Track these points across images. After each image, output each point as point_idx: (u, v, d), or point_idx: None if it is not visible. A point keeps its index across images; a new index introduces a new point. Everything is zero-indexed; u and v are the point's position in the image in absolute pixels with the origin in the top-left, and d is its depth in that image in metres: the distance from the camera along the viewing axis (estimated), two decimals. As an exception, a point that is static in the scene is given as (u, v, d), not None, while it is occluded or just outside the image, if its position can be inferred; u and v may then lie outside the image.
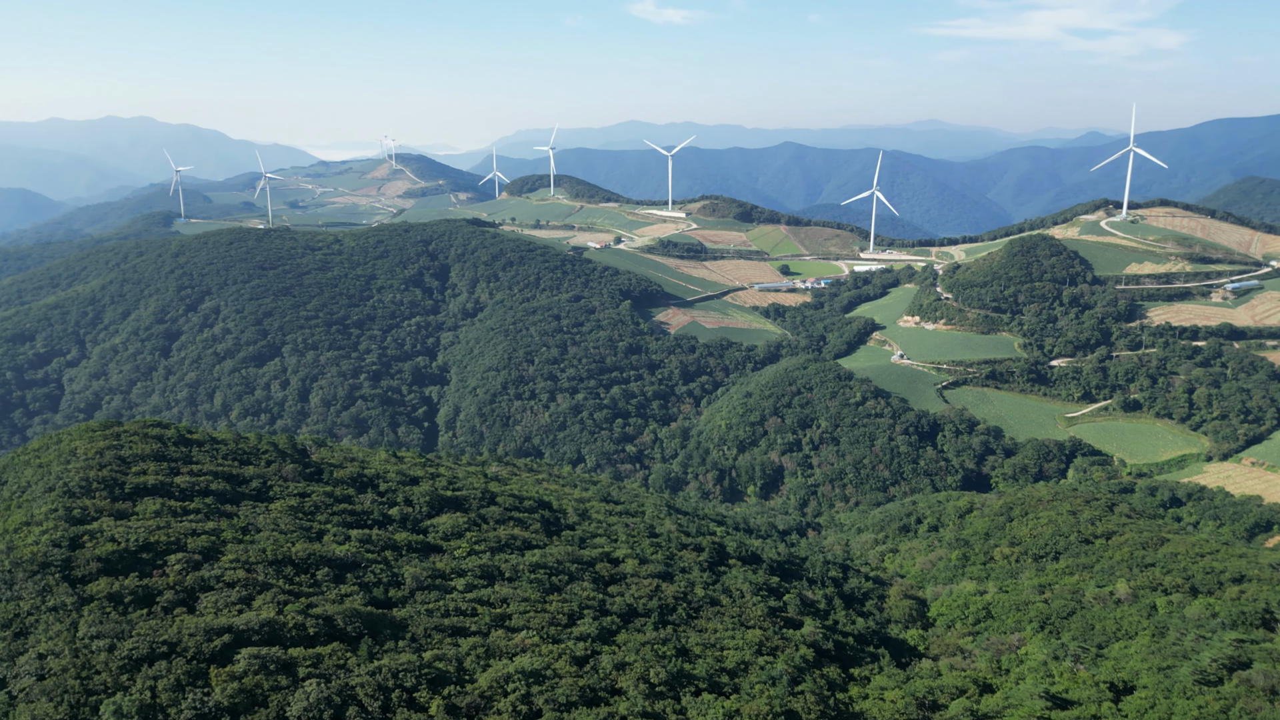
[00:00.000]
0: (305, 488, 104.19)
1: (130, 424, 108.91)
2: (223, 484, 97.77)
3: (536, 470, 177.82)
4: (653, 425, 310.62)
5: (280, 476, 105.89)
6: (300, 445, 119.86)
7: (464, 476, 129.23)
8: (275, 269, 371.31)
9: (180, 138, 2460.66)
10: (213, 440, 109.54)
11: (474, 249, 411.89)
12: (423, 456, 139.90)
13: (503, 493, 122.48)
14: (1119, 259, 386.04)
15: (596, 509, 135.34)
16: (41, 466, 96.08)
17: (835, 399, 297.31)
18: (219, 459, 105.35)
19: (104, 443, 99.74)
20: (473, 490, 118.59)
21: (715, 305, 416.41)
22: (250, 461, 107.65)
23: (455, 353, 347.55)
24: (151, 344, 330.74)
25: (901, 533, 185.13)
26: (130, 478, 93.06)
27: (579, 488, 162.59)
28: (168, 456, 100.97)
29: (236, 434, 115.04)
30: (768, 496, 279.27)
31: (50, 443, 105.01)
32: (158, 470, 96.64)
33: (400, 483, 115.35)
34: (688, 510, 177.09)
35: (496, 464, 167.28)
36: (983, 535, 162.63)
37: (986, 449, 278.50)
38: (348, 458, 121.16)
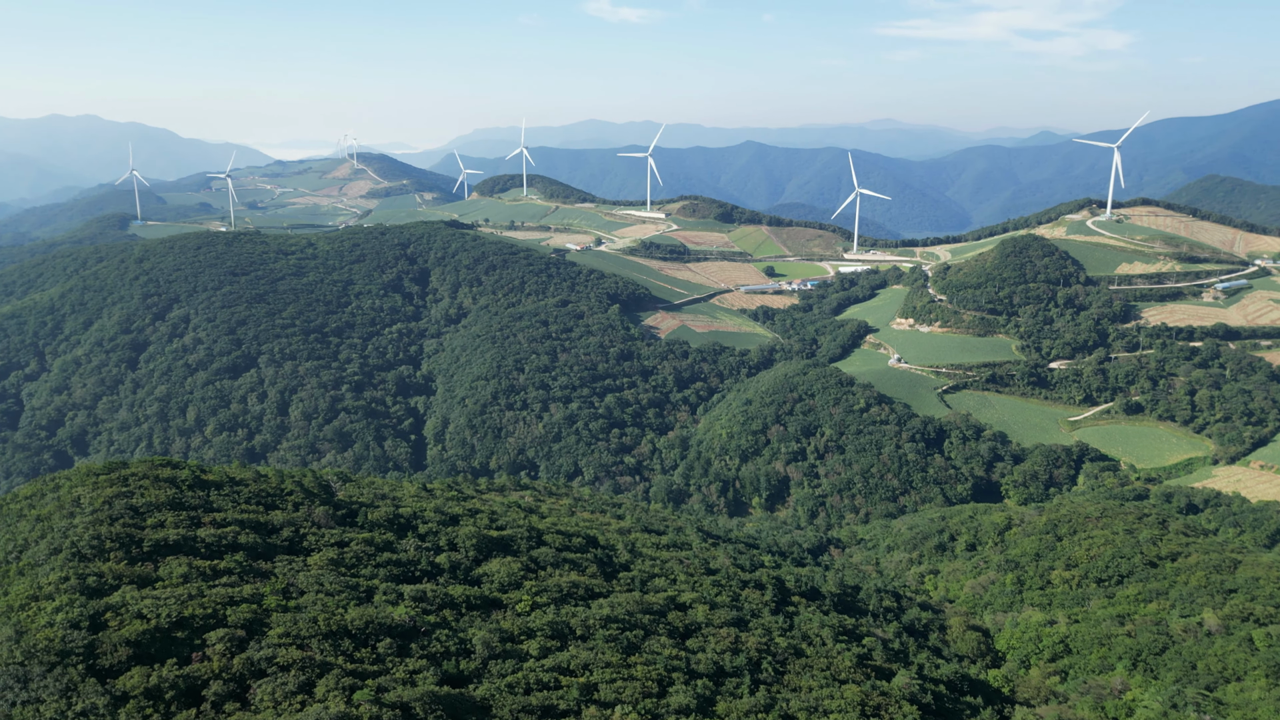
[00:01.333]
0: (342, 535, 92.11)
1: (137, 463, 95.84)
2: (252, 535, 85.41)
3: (557, 492, 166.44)
4: (650, 435, 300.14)
5: (312, 522, 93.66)
6: (324, 481, 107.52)
7: (502, 511, 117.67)
8: (247, 275, 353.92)
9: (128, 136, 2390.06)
10: (232, 481, 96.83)
11: (454, 252, 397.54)
12: (454, 489, 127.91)
13: (548, 529, 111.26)
14: (1109, 259, 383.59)
15: (642, 542, 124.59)
16: (41, 521, 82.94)
17: (838, 406, 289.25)
18: (242, 503, 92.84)
19: (111, 489, 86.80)
20: (517, 529, 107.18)
21: (703, 308, 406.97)
22: (276, 505, 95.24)
23: (440, 361, 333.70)
24: (117, 355, 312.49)
25: (938, 552, 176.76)
26: (148, 533, 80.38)
27: (608, 512, 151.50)
28: (185, 504, 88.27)
29: (255, 473, 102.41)
30: (773, 508, 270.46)
31: (45, 489, 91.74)
32: (177, 521, 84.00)
33: (440, 523, 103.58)
34: (719, 533, 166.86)
35: (516, 490, 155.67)
36: (1033, 556, 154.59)
37: (995, 455, 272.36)
38: (378, 494, 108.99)
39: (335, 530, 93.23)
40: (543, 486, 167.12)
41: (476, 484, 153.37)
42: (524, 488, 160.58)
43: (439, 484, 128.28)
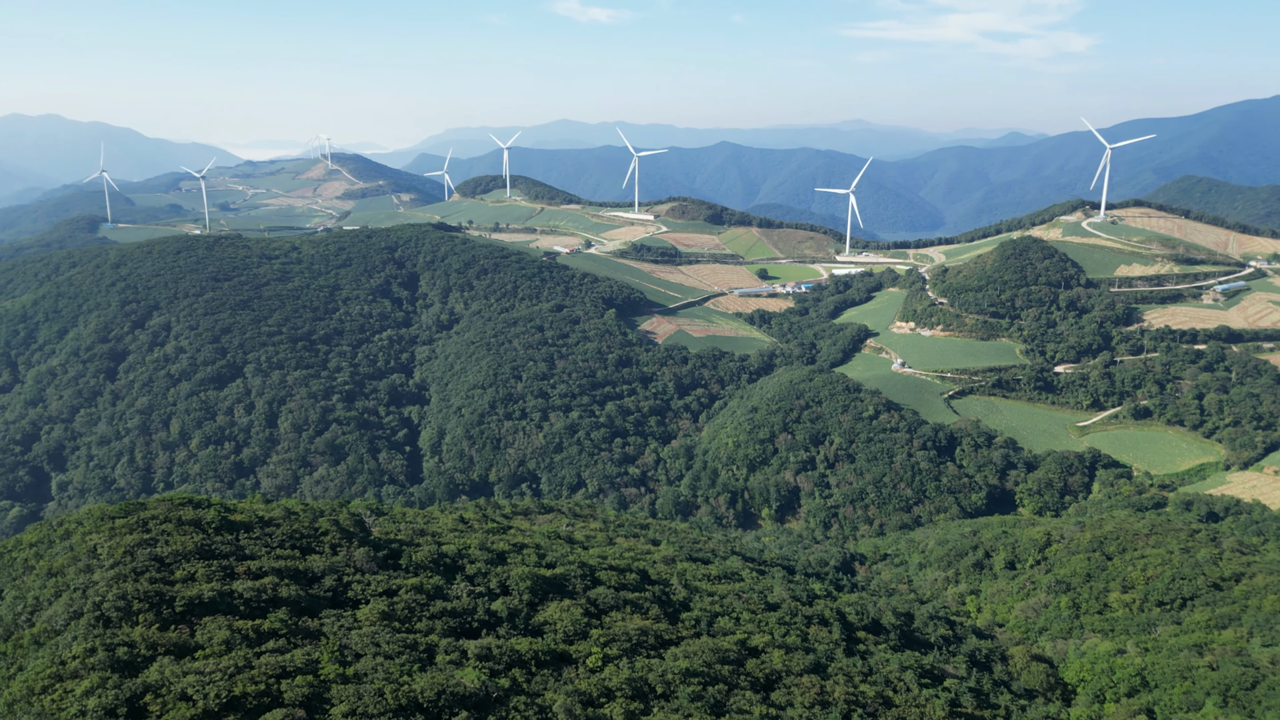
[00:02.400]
0: (388, 581, 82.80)
1: (155, 503, 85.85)
2: (293, 587, 75.89)
3: (582, 513, 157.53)
4: (653, 444, 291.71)
5: (354, 568, 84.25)
6: (358, 515, 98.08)
7: (546, 544, 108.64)
8: (230, 280, 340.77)
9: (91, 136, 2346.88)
10: (262, 522, 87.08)
11: (443, 256, 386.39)
12: (489, 518, 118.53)
13: (599, 565, 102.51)
14: (1108, 261, 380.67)
15: (691, 573, 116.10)
16: (55, 576, 72.96)
17: (847, 413, 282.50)
18: (276, 547, 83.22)
19: (131, 537, 76.88)
20: (568, 566, 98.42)
21: (698, 312, 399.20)
22: (313, 547, 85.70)
23: (434, 369, 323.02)
24: (95, 366, 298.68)
25: (976, 570, 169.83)
26: (179, 589, 70.65)
27: (642, 536, 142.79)
28: (215, 551, 78.54)
29: (285, 510, 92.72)
30: (783, 519, 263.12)
31: (53, 535, 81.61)
32: (209, 573, 74.30)
33: (488, 562, 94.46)
34: (752, 554, 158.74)
35: (543, 514, 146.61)
36: (1084, 577, 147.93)
37: (1008, 463, 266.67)
38: (415, 530, 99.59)
39: (380, 576, 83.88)
40: (568, 507, 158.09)
41: (502, 508, 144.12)
42: (548, 509, 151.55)
43: (471, 512, 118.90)
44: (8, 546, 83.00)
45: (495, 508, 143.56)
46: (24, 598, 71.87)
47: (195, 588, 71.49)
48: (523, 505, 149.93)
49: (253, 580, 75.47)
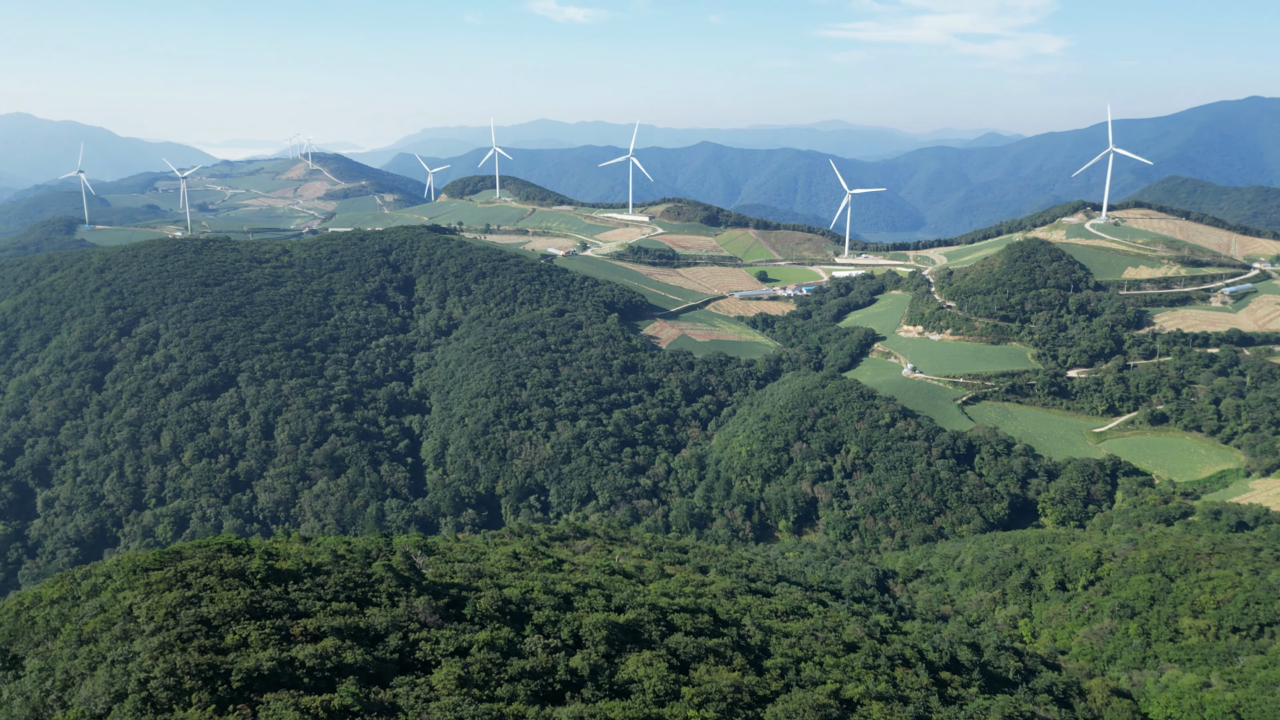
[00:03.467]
0: (456, 637, 73.82)
1: (190, 549, 76.31)
2: (359, 651, 66.75)
3: (617, 536, 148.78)
4: (663, 453, 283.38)
5: (418, 622, 75.22)
6: (408, 553, 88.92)
7: (608, 582, 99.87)
8: (220, 285, 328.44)
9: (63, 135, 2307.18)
10: (311, 570, 77.71)
11: (440, 259, 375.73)
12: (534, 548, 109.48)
13: (669, 606, 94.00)
14: (1114, 263, 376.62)
15: (758, 609, 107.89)
16: (87, 644, 63.38)
17: (863, 421, 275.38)
18: (329, 600, 74.00)
19: (171, 594, 67.41)
20: (639, 610, 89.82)
21: (700, 316, 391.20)
22: (370, 598, 76.55)
23: (434, 377, 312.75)
24: (80, 375, 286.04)
25: (1024, 590, 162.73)
26: (234, 660, 61.35)
27: (689, 561, 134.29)
28: (266, 609, 69.23)
29: (332, 552, 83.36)
30: (801, 531, 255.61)
31: (78, 591, 71.92)
32: (263, 638, 65.00)
33: (555, 607, 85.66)
34: (800, 580, 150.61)
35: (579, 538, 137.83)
36: (1147, 600, 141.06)
37: (1028, 471, 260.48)
38: (472, 572, 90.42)
39: (447, 631, 74.88)
40: (603, 530, 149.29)
41: (538, 534, 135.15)
42: (584, 533, 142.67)
43: (520, 546, 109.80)
44: (25, 602, 73.14)
45: (531, 533, 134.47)
46: (51, 670, 62.26)
47: (251, 657, 62.21)
48: (558, 529, 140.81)
49: (312, 644, 66.25)
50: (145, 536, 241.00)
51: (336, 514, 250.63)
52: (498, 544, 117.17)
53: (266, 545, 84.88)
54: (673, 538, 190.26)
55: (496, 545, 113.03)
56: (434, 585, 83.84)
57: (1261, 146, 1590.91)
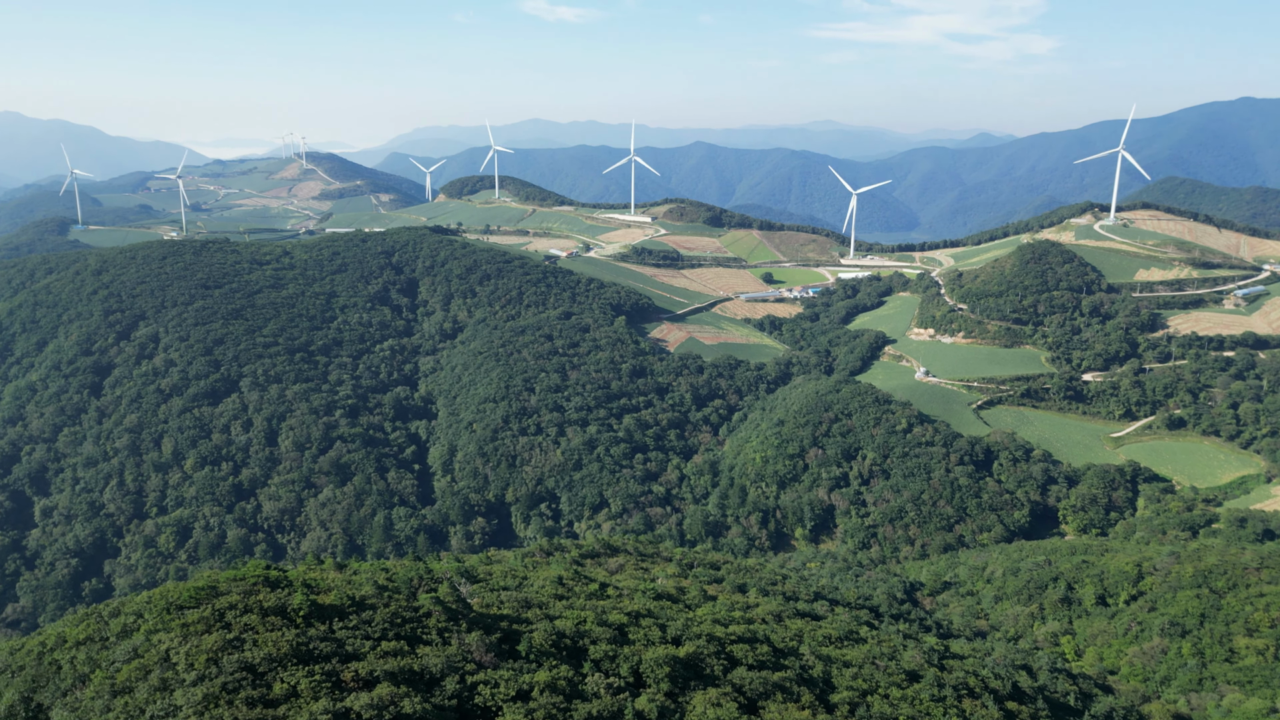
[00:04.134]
0: (515, 679, 68.42)
1: (226, 582, 70.52)
2: (416, 699, 61.21)
3: (647, 551, 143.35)
4: (675, 459, 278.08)
5: (472, 660, 69.75)
6: (452, 581, 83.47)
7: (657, 609, 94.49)
8: (220, 287, 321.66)
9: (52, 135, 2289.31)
10: (356, 604, 72.13)
11: (443, 261, 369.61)
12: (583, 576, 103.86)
13: (727, 636, 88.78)
14: (1126, 265, 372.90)
15: (810, 634, 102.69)
16: (120, 695, 57.65)
17: (879, 426, 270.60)
18: (377, 639, 68.44)
19: (210, 637, 61.75)
20: (696, 641, 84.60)
21: (707, 318, 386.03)
22: (419, 635, 71.04)
23: (440, 381, 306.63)
24: (78, 380, 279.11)
25: (1063, 605, 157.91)
26: (286, 713, 55.80)
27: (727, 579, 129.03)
28: (313, 651, 63.61)
29: (374, 584, 77.69)
30: (818, 540, 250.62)
31: (107, 631, 66.15)
32: (313, 685, 59.41)
33: (610, 640, 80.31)
34: (837, 597, 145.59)
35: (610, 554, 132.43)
36: (1197, 618, 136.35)
37: (1048, 478, 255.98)
38: (519, 602, 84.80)
39: (504, 672, 69.39)
40: (632, 546, 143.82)
41: (568, 550, 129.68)
42: (614, 549, 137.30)
43: (562, 569, 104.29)
44: (48, 643, 67.34)
45: (561, 550, 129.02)
46: (84, 723, 56.60)
47: (304, 709, 56.67)
48: (588, 546, 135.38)
49: (366, 691, 60.67)
50: (147, 547, 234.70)
51: (343, 523, 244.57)
52: (532, 563, 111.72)
53: (304, 575, 79.20)
54: (703, 550, 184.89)
55: (534, 567, 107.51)
56: (484, 618, 78.34)
57: (1253, 147, 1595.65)
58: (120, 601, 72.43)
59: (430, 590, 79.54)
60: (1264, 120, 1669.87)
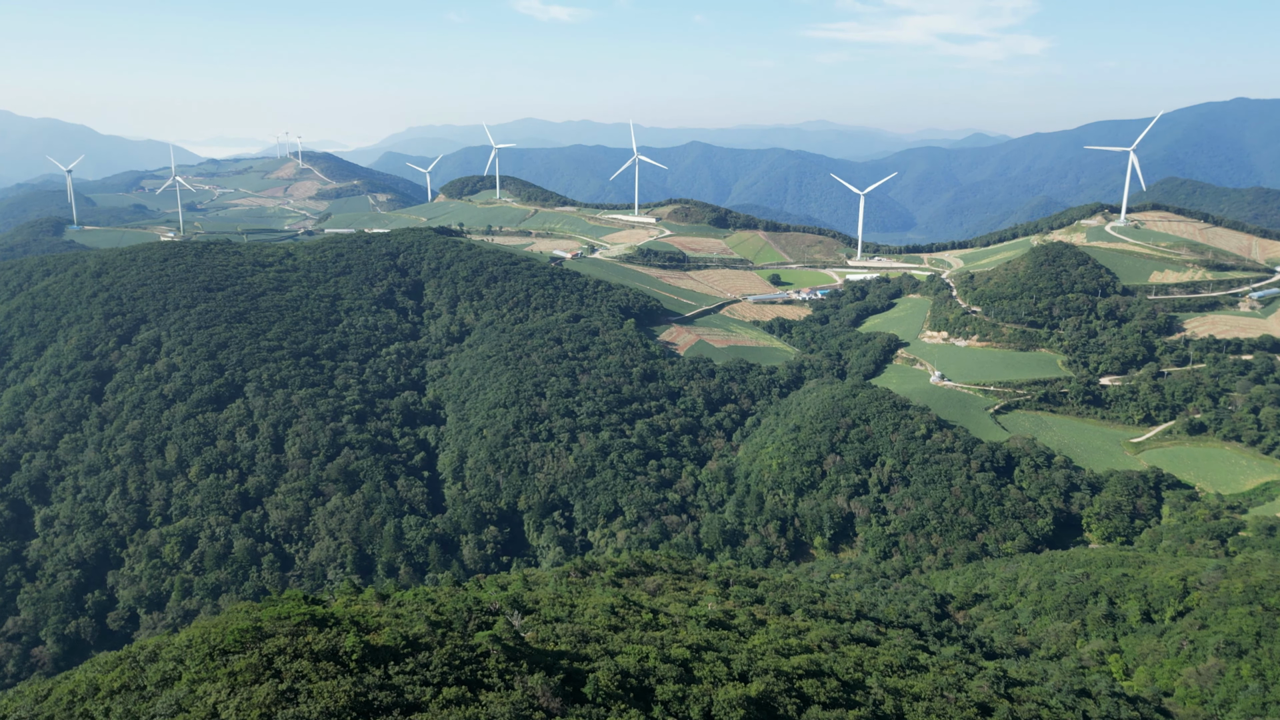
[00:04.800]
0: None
1: (270, 619, 64.73)
2: (487, 754, 55.75)
3: (680, 568, 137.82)
4: (689, 466, 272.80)
5: (539, 707, 64.30)
6: (501, 612, 77.99)
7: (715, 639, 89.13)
8: (223, 290, 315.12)
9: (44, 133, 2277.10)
10: (411, 644, 66.55)
11: (449, 263, 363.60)
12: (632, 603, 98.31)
13: (790, 670, 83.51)
14: (1139, 267, 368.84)
15: (870, 663, 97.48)
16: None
17: (898, 432, 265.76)
18: (437, 685, 62.91)
19: (261, 689, 56.15)
20: (764, 678, 79.34)
21: (715, 320, 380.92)
22: (480, 678, 65.51)
23: (448, 386, 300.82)
24: (79, 385, 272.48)
25: (1107, 622, 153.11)
26: (353, 777, 50.25)
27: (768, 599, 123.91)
28: (374, 703, 58.00)
29: (426, 620, 72.04)
30: (837, 548, 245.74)
31: (144, 680, 60.44)
32: (376, 740, 53.88)
33: (677, 679, 74.91)
34: (878, 615, 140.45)
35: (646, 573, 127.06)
36: (1253, 636, 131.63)
37: (1071, 485, 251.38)
38: (577, 637, 79.34)
39: (573, 719, 63.94)
40: (666, 563, 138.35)
41: (602, 570, 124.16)
42: (649, 567, 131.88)
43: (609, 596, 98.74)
44: (79, 691, 61.65)
45: (596, 569, 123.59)
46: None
47: (370, 771, 51.08)
48: (623, 563, 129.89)
49: (434, 747, 55.16)
50: (151, 558, 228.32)
51: (353, 532, 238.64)
52: (570, 586, 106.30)
53: (348, 609, 73.61)
54: (730, 564, 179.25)
55: (576, 590, 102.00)
56: (543, 656, 72.92)
57: (1248, 148, 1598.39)
58: (156, 644, 66.72)
59: (484, 625, 74.08)
60: (1259, 121, 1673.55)
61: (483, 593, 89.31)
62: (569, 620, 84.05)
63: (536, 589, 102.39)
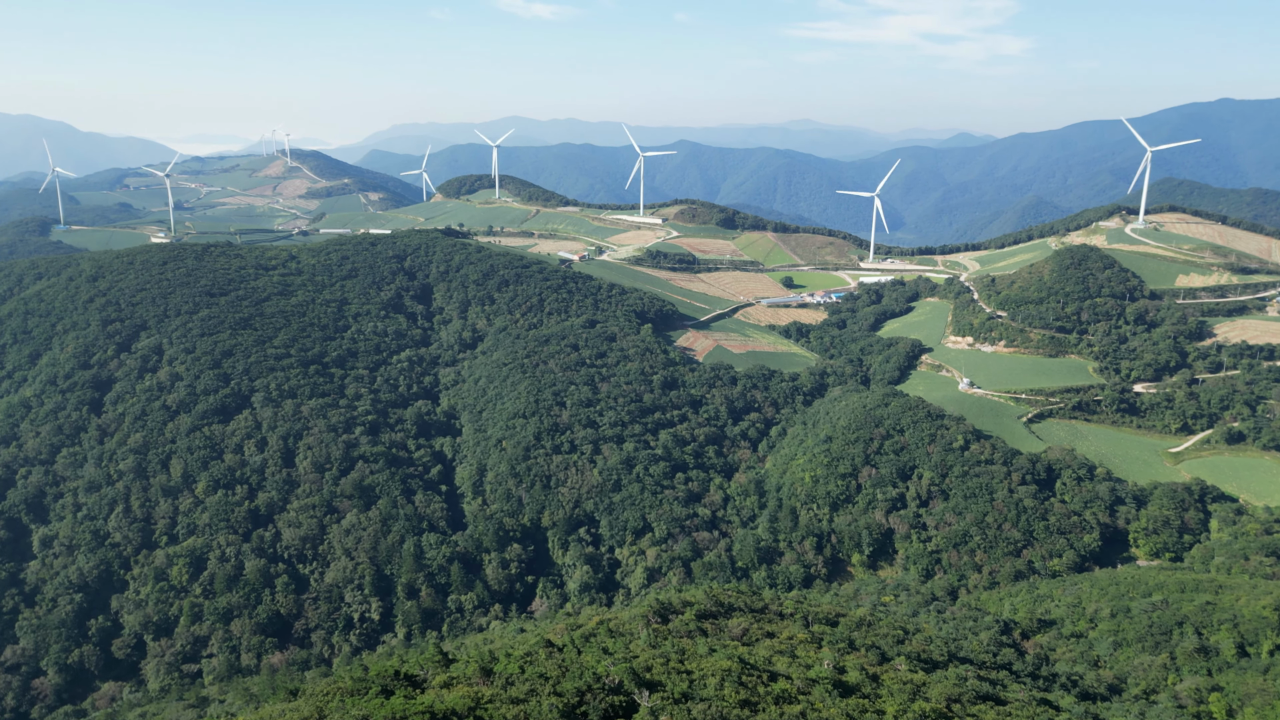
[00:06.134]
0: None
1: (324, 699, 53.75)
2: None
3: (756, 606, 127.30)
4: (717, 479, 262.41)
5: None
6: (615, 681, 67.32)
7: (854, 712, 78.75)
8: (226, 295, 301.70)
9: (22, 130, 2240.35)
10: None
11: (458, 265, 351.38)
12: (748, 665, 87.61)
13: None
14: (1165, 270, 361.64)
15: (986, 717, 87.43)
16: None
17: (935, 443, 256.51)
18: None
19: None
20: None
21: (731, 325, 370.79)
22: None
23: (463, 395, 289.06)
24: (76, 396, 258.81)
25: (1199, 655, 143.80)
26: None
27: (858, 640, 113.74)
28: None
29: (555, 710, 61.19)
30: (876, 566, 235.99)
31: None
32: None
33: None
34: (970, 655, 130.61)
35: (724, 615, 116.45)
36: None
37: (1115, 498, 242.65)
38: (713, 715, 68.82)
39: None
40: (742, 602, 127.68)
41: (675, 608, 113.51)
42: (728, 607, 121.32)
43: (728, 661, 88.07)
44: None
45: (674, 611, 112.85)
46: None
47: None
48: (697, 601, 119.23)
49: None
50: (158, 580, 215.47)
51: (370, 551, 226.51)
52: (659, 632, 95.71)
53: (453, 693, 62.58)
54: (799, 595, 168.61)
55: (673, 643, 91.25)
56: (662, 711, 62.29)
57: (1235, 148, 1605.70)
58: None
59: (616, 711, 63.29)
60: (1244, 122, 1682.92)
61: (585, 656, 78.37)
62: (696, 696, 73.28)
63: (624, 640, 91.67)
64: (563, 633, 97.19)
